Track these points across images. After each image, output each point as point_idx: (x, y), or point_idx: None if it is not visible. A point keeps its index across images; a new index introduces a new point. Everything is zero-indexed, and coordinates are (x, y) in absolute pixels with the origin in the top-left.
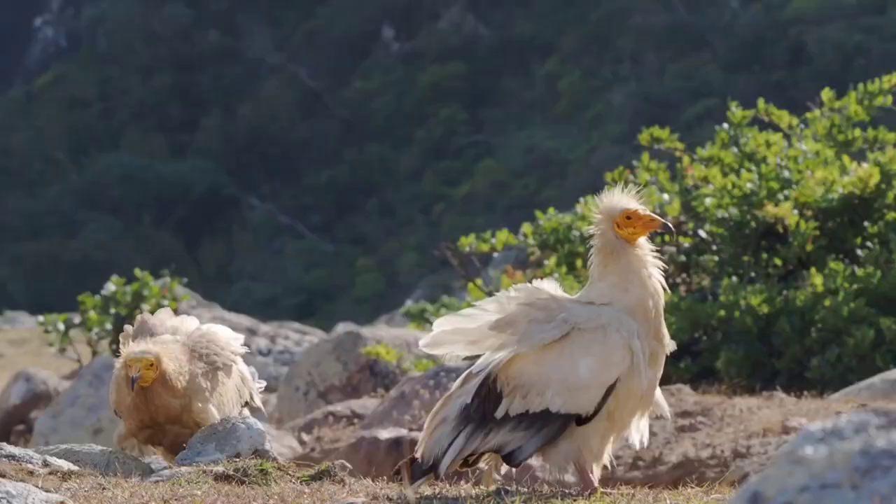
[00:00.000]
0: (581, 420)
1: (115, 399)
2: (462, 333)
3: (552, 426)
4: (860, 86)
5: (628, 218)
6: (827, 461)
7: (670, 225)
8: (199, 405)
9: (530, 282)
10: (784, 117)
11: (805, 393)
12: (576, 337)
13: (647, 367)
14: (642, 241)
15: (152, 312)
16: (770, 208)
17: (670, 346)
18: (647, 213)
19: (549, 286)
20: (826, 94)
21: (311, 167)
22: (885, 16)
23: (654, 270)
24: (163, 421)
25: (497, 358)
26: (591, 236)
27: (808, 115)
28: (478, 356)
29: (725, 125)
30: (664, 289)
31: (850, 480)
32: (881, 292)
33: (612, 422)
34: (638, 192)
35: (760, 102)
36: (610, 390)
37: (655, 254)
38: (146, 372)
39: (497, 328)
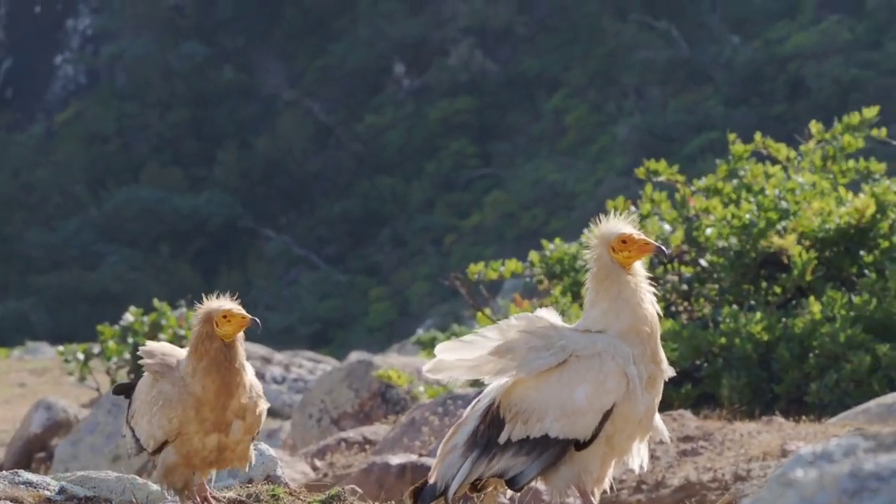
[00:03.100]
0: (580, 445)
1: (177, 407)
2: (463, 360)
3: (552, 451)
4: (845, 118)
5: (623, 242)
6: (817, 484)
7: (664, 248)
8: (263, 406)
9: (533, 311)
10: (782, 150)
11: (803, 417)
12: (573, 364)
13: (645, 392)
14: (637, 266)
15: (170, 342)
16: (775, 239)
17: (668, 371)
18: (642, 237)
19: (550, 315)
20: (815, 125)
21: (325, 200)
22: (881, 51)
23: (646, 296)
24: (236, 397)
25: (500, 384)
26: (587, 262)
27: (802, 147)
28: (484, 382)
29: (727, 158)
30: (658, 313)
31: (838, 502)
32: (877, 319)
33: (612, 446)
34: (636, 219)
35: (758, 136)
36: (607, 416)
37: (649, 279)
38: (234, 325)
39: (497, 353)
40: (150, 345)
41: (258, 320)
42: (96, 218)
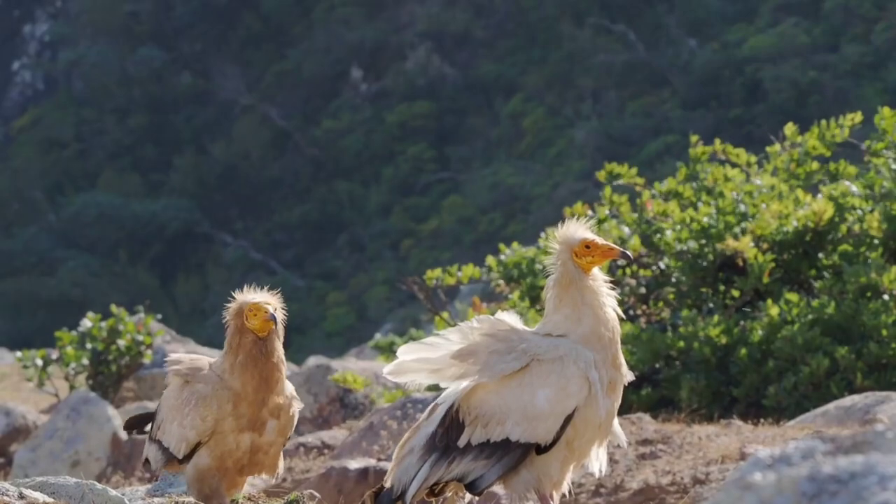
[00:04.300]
0: (540, 449)
1: (212, 404)
2: (425, 362)
3: (512, 455)
4: (823, 122)
5: (587, 247)
6: (775, 487)
7: (629, 253)
8: (296, 407)
9: (493, 314)
10: (742, 155)
11: (762, 420)
12: (535, 368)
13: (605, 397)
14: (596, 271)
15: (128, 347)
16: (730, 242)
17: (628, 375)
18: (606, 242)
19: (511, 318)
20: (789, 128)
21: (283, 205)
22: (838, 54)
23: (607, 300)
24: (274, 392)
25: (460, 388)
26: (548, 267)
27: (768, 148)
28: (443, 385)
29: (686, 161)
30: (619, 318)
31: None
32: (835, 322)
33: (571, 450)
34: (596, 223)
35: (717, 142)
36: (568, 420)
37: (609, 283)
38: (259, 320)
39: (459, 357)
40: (176, 354)
41: (276, 317)
42: (54, 224)
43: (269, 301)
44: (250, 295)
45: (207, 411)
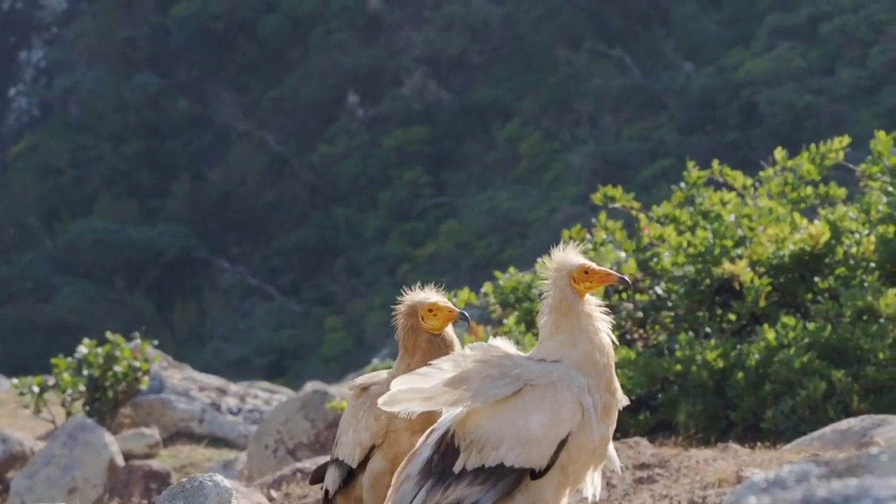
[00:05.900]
0: (535, 474)
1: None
2: (417, 391)
3: (507, 480)
4: (812, 146)
5: (585, 273)
6: None
7: (626, 278)
8: None
9: (488, 339)
10: (738, 178)
11: (759, 444)
12: (528, 393)
13: (599, 422)
14: (590, 296)
15: (125, 374)
16: (727, 266)
17: (623, 400)
18: (603, 268)
19: (504, 344)
20: (779, 153)
21: (280, 230)
22: (834, 77)
23: (602, 325)
24: None
25: (455, 413)
26: (544, 293)
27: (761, 173)
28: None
29: (682, 185)
30: (614, 343)
31: None
32: (832, 345)
33: (566, 475)
34: (592, 249)
35: (715, 164)
36: (562, 445)
37: (605, 308)
38: (440, 319)
39: (452, 384)
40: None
41: (466, 314)
42: (51, 250)
43: (442, 299)
44: (422, 295)
45: (380, 409)
